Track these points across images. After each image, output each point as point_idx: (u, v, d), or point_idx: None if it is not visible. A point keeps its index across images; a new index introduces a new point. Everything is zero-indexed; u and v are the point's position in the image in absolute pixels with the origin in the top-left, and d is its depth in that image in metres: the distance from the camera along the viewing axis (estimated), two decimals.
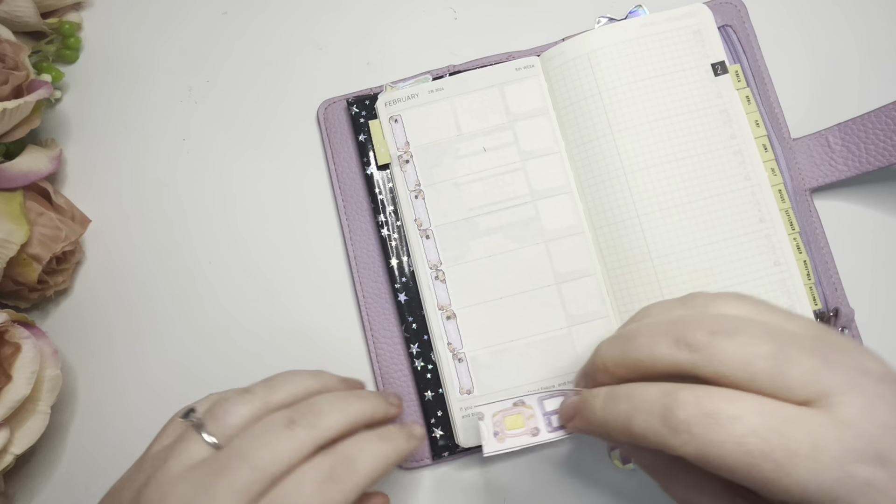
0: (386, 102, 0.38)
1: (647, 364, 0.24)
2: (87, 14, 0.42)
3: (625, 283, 0.35)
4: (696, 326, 0.23)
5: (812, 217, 0.37)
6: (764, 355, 0.22)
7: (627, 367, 0.25)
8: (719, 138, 0.36)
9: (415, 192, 0.37)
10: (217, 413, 0.27)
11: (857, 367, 0.22)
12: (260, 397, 0.28)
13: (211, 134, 0.40)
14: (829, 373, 0.21)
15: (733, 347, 0.22)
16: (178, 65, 0.41)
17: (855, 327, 0.36)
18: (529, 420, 0.30)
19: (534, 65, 0.38)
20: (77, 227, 0.38)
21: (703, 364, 0.23)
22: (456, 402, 0.35)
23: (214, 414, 0.27)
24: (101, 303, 0.39)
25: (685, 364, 0.23)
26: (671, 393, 0.22)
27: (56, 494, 0.37)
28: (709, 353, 0.22)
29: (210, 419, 0.27)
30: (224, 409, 0.27)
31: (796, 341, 0.22)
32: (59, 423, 0.38)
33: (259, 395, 0.28)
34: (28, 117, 0.37)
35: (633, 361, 0.25)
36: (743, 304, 0.25)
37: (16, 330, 0.34)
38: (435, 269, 0.37)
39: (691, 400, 0.22)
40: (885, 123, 0.35)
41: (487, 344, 0.36)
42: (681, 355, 0.23)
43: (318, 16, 0.41)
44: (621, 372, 0.25)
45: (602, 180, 0.36)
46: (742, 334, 0.23)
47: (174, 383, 0.38)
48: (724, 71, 0.36)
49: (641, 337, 0.25)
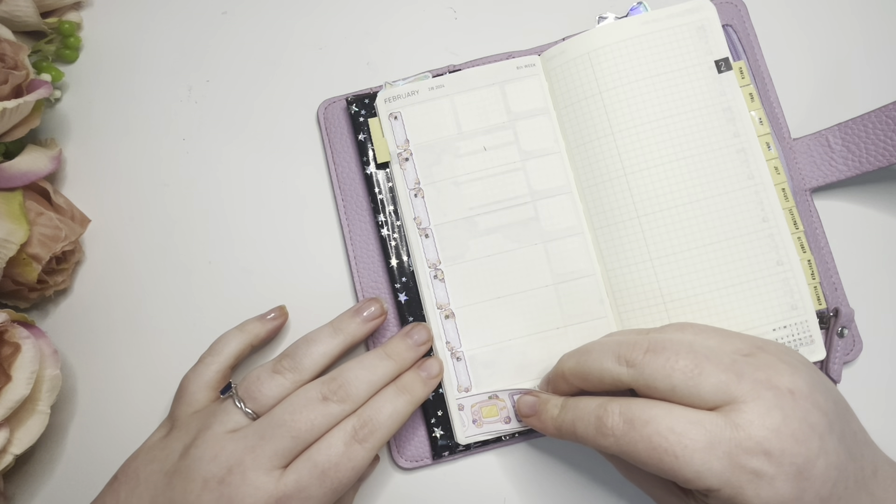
0: (385, 99, 0.38)
1: (596, 376, 0.30)
2: (87, 14, 0.42)
3: (624, 284, 0.35)
4: (635, 347, 0.29)
5: (812, 217, 0.37)
6: (681, 369, 0.27)
7: (581, 377, 0.31)
8: (722, 137, 0.36)
9: (414, 191, 0.37)
10: (253, 393, 0.32)
11: (765, 381, 0.27)
12: (289, 378, 0.32)
13: (211, 134, 0.40)
14: (738, 385, 0.27)
15: (658, 363, 0.28)
16: (178, 65, 0.41)
17: (855, 327, 0.36)
18: (502, 411, 0.35)
19: (535, 63, 0.38)
20: (77, 227, 0.38)
21: (637, 377, 0.28)
22: (454, 400, 0.35)
23: (251, 393, 0.32)
24: (101, 303, 0.39)
25: (625, 378, 0.29)
26: (604, 405, 0.28)
27: (56, 494, 0.37)
28: (640, 368, 0.28)
29: (248, 398, 0.32)
30: (259, 389, 0.32)
31: (714, 358, 0.28)
32: (59, 423, 0.38)
33: (288, 376, 0.32)
34: (28, 117, 0.37)
35: (585, 373, 0.30)
36: (684, 330, 0.31)
37: (16, 330, 0.34)
38: (434, 268, 0.37)
39: (616, 410, 0.28)
40: (885, 123, 0.35)
41: (485, 343, 0.36)
42: (622, 370, 0.29)
43: (318, 16, 0.41)
44: (576, 381, 0.31)
45: (602, 181, 0.36)
46: (667, 352, 0.28)
47: (174, 383, 0.37)
48: (728, 67, 0.36)
49: (594, 353, 0.30)
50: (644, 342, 0.29)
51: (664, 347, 0.28)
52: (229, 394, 0.32)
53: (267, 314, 0.37)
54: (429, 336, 0.36)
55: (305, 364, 0.33)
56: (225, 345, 0.35)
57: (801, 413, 0.26)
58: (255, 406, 0.31)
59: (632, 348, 0.29)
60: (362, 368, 0.32)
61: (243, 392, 0.32)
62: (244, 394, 0.32)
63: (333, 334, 0.34)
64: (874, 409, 0.35)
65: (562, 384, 0.32)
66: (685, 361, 0.27)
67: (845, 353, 0.35)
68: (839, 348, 0.34)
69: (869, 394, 0.36)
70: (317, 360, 0.33)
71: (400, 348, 0.34)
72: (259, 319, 0.36)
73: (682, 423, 0.26)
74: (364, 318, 0.35)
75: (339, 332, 0.34)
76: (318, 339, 0.33)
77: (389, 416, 0.32)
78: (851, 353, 0.35)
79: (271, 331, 0.36)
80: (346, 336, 0.34)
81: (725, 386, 0.27)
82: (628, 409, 0.28)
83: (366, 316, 0.35)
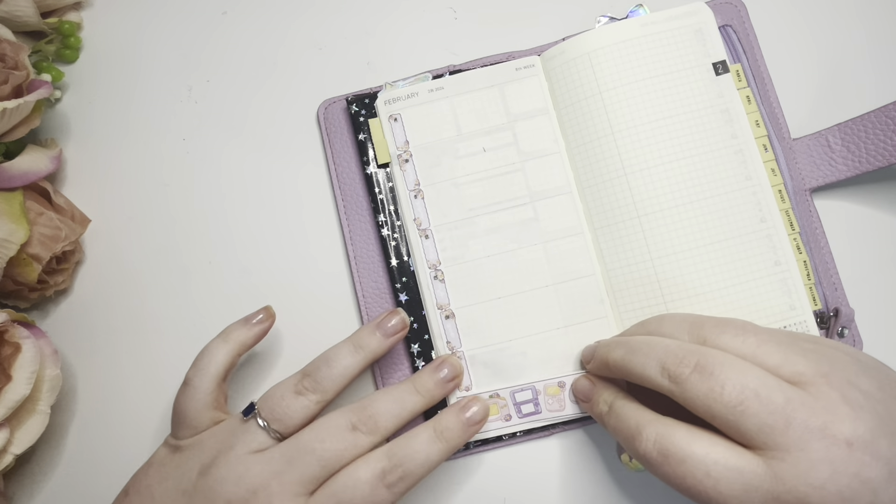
0: (385, 101, 0.38)
1: (636, 379, 0.29)
2: (87, 14, 0.42)
3: (625, 284, 0.35)
4: (682, 362, 0.27)
5: (812, 217, 0.37)
6: (725, 402, 0.25)
7: (624, 373, 0.30)
8: (720, 138, 0.36)
9: (414, 192, 0.37)
10: (278, 414, 0.31)
11: (819, 429, 0.24)
12: (312, 399, 0.31)
13: (211, 134, 0.40)
14: (784, 433, 0.24)
15: (702, 389, 0.26)
16: (178, 65, 0.41)
17: (855, 327, 0.36)
18: (503, 409, 0.35)
19: (534, 64, 0.38)
20: (77, 227, 0.38)
21: (678, 394, 0.27)
22: (455, 399, 0.35)
23: (276, 415, 0.31)
24: (101, 303, 0.39)
25: (665, 390, 0.28)
26: (640, 428, 0.27)
27: (56, 494, 0.37)
28: (683, 387, 0.27)
29: (273, 419, 0.31)
30: (284, 412, 0.31)
31: (764, 394, 0.25)
32: (59, 423, 0.38)
33: (311, 397, 0.31)
34: (28, 117, 0.37)
35: (628, 371, 0.30)
36: (746, 337, 0.28)
37: (16, 330, 0.34)
38: (434, 269, 0.37)
39: (652, 437, 0.27)
40: (885, 123, 0.35)
41: (485, 343, 0.36)
42: (663, 382, 0.28)
43: (318, 16, 0.41)
44: (619, 375, 0.31)
45: (602, 181, 0.36)
46: (714, 377, 0.26)
47: (174, 383, 0.37)
48: (726, 70, 0.36)
49: (640, 355, 0.29)
50: (693, 357, 0.27)
51: (712, 371, 0.26)
52: (253, 414, 0.32)
53: (252, 317, 0.35)
54: (458, 372, 0.35)
55: (327, 385, 0.32)
56: (210, 361, 0.33)
57: (855, 468, 0.24)
58: (280, 427, 0.31)
59: (679, 362, 0.27)
60: (393, 402, 0.32)
61: (267, 413, 0.31)
62: (268, 415, 0.31)
63: (354, 352, 0.33)
64: None
65: (600, 369, 0.32)
66: (731, 392, 0.25)
67: None
68: None
69: None
70: (339, 380, 0.32)
71: (430, 385, 0.33)
72: (244, 324, 0.34)
73: (718, 468, 0.25)
74: (385, 333, 0.33)
75: (359, 349, 0.33)
76: (339, 359, 0.32)
77: (422, 464, 0.30)
78: None
79: (258, 335, 0.35)
80: (367, 353, 0.33)
81: (770, 430, 0.25)
82: (664, 440, 0.26)
83: (387, 330, 0.33)
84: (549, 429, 0.36)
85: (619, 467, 0.36)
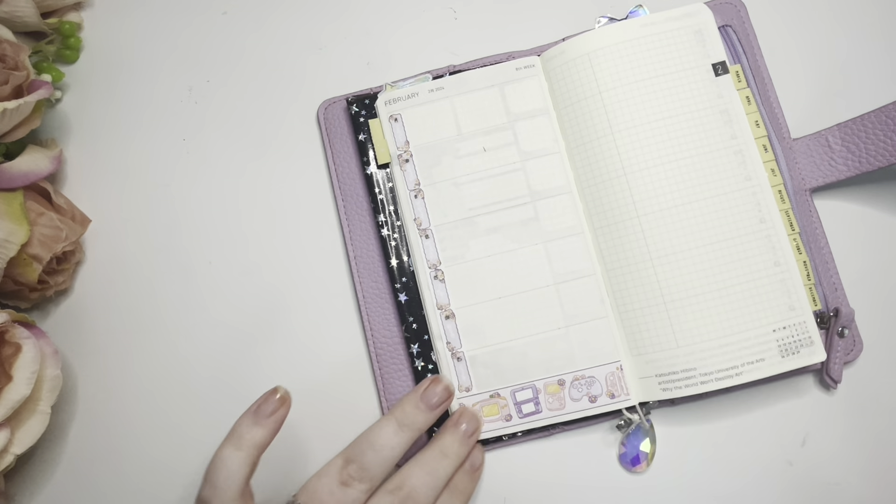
0: (386, 101, 0.38)
1: None
2: (87, 14, 0.42)
3: (625, 284, 0.35)
4: None
5: (812, 217, 0.37)
6: None
7: None
8: (720, 138, 0.36)
9: (414, 192, 0.37)
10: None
11: None
12: (360, 489, 0.30)
13: (211, 134, 0.40)
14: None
15: None
16: (178, 65, 0.41)
17: (855, 327, 0.36)
18: (503, 409, 0.35)
19: (534, 64, 0.38)
20: (77, 227, 0.38)
21: None
22: (455, 400, 0.35)
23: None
24: (101, 303, 0.39)
25: None
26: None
27: (56, 494, 0.37)
28: None
29: None
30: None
31: None
32: (59, 423, 0.38)
33: (358, 487, 0.30)
34: (28, 117, 0.37)
35: None
36: None
37: (16, 330, 0.34)
38: (434, 269, 0.37)
39: None
40: (885, 123, 0.35)
41: (486, 343, 0.36)
42: None
43: (318, 16, 0.41)
44: None
45: (602, 181, 0.36)
46: None
47: (174, 383, 0.38)
48: (725, 71, 0.36)
49: None
50: None
51: None
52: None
53: (263, 408, 0.30)
54: (478, 423, 0.34)
55: (375, 472, 0.31)
56: (227, 477, 0.29)
57: None
58: None
59: None
60: (426, 474, 0.31)
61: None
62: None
63: (399, 431, 0.31)
64: (875, 410, 0.35)
65: None
66: None
67: (846, 353, 0.35)
68: (839, 348, 0.34)
69: (869, 394, 0.36)
70: (386, 465, 0.31)
71: (455, 446, 0.33)
72: (255, 422, 0.30)
73: None
74: (430, 406, 0.32)
75: (404, 427, 0.31)
76: (384, 440, 0.31)
77: None
78: (852, 353, 0.35)
79: (274, 431, 0.30)
80: (413, 431, 0.32)
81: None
82: None
83: (432, 403, 0.33)
84: (550, 429, 0.36)
85: (618, 468, 0.36)
